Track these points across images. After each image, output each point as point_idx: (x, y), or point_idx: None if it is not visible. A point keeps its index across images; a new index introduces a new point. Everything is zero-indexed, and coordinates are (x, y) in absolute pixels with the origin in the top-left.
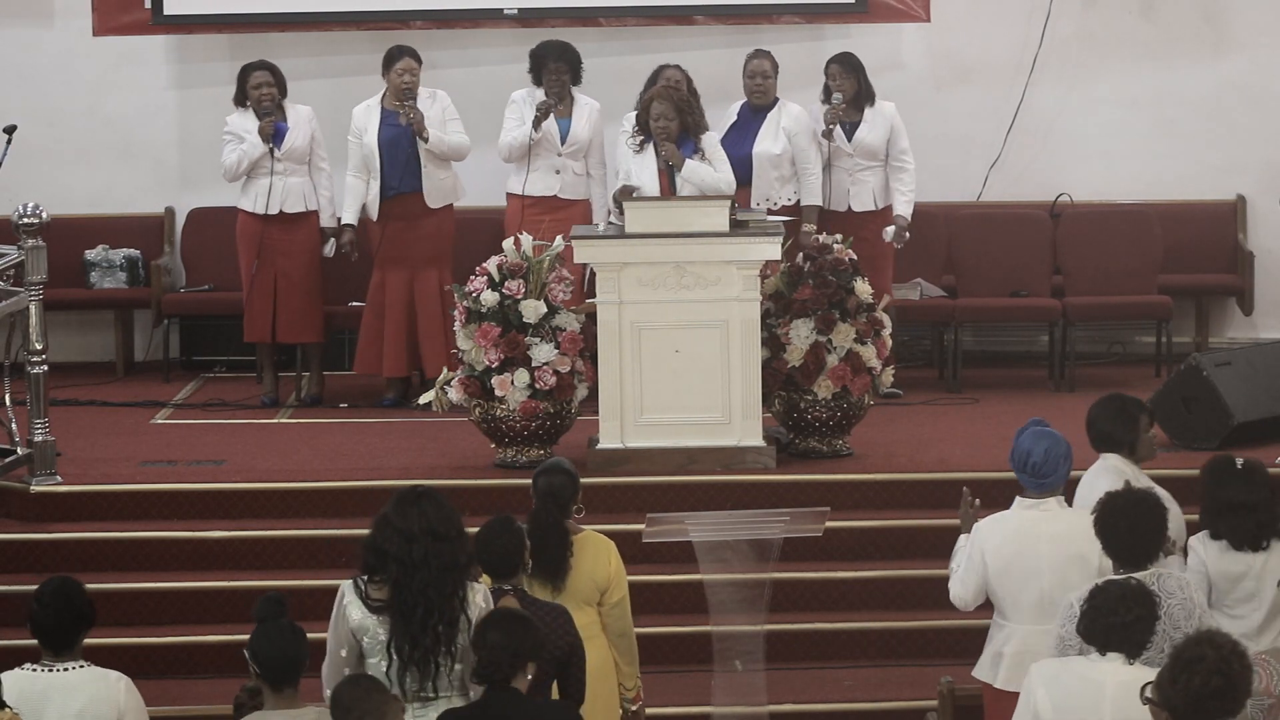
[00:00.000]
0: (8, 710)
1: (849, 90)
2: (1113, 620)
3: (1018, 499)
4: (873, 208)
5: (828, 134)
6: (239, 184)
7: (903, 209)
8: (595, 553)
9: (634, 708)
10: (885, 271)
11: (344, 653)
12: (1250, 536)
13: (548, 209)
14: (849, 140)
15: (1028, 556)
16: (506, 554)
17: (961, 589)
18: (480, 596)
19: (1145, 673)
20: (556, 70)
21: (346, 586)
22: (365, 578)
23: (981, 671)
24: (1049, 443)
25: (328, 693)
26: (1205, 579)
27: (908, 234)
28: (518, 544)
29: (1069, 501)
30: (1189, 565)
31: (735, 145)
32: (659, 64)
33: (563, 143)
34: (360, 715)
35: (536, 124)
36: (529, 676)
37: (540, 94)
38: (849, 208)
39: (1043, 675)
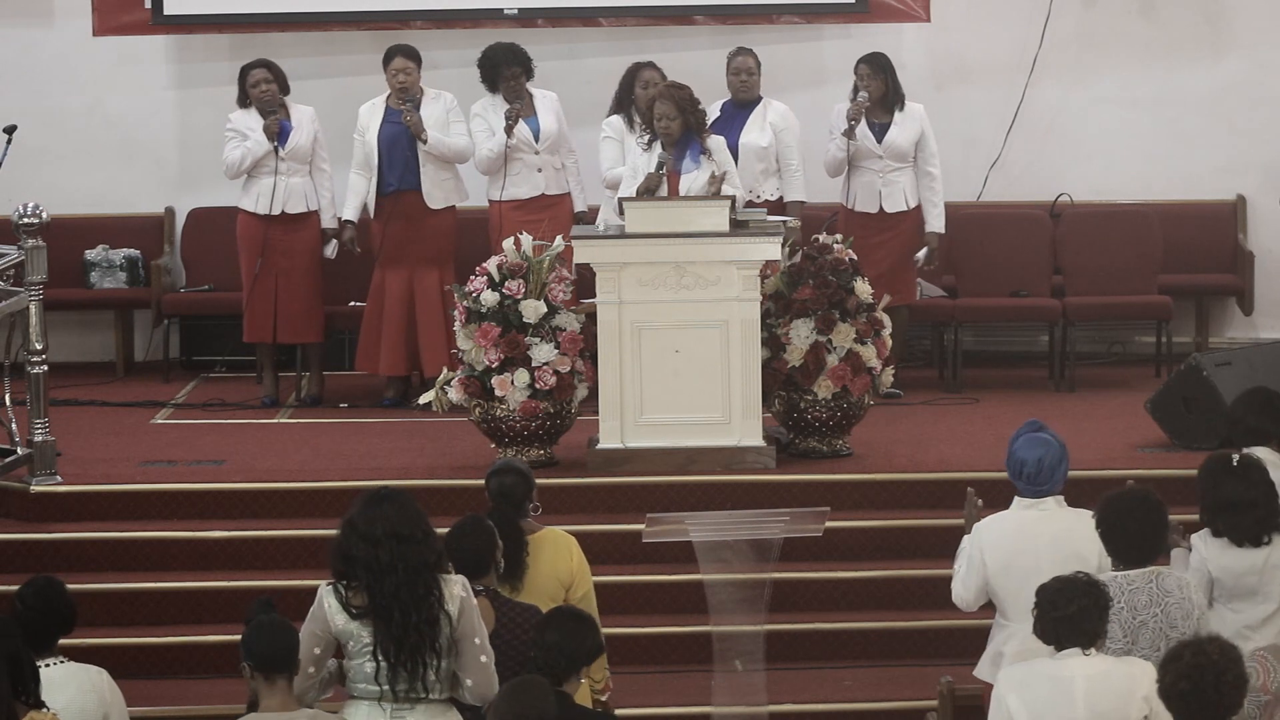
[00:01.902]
0: (46, 711)
1: (876, 91)
2: (1057, 615)
3: (1016, 499)
4: (904, 207)
5: (849, 132)
6: (240, 184)
7: (936, 223)
8: (556, 549)
9: (603, 698)
10: (912, 270)
11: (318, 650)
12: (1250, 533)
13: (538, 209)
14: (879, 142)
15: (1027, 555)
16: (477, 553)
17: (963, 590)
18: (459, 587)
19: (1111, 662)
20: (511, 74)
21: (326, 591)
22: (343, 584)
23: (983, 671)
24: (1042, 450)
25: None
26: (1207, 576)
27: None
28: (488, 542)
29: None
30: (1191, 563)
31: None
32: (650, 63)
33: (537, 140)
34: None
35: (509, 131)
36: (581, 680)
37: (499, 100)
38: (881, 208)
39: (1012, 682)
